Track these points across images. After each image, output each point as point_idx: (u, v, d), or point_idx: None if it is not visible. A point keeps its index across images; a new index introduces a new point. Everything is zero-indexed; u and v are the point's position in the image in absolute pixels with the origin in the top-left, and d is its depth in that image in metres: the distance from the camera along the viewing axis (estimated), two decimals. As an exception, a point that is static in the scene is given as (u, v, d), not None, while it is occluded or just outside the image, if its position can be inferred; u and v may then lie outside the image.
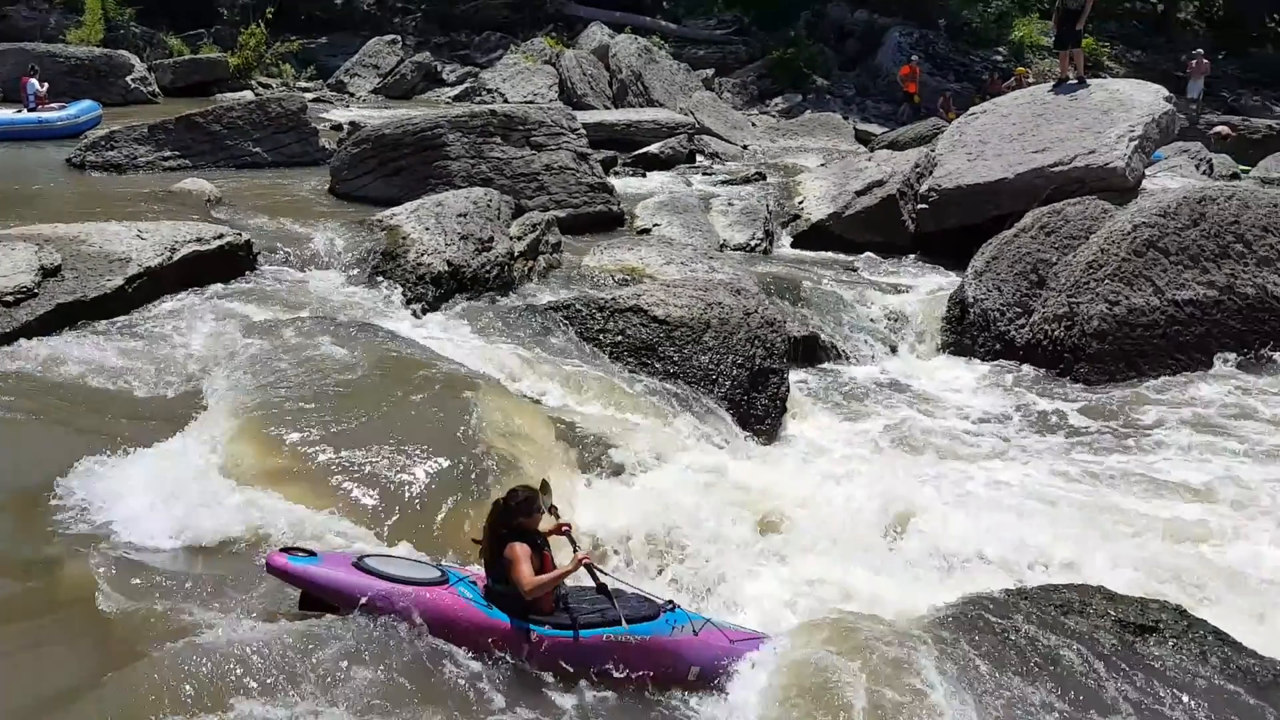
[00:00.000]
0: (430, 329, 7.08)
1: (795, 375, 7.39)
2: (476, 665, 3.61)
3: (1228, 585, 4.75)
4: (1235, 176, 17.44)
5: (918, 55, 24.88)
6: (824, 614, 4.04)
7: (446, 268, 8.07)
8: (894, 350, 8.72)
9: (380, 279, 7.97)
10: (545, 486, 4.08)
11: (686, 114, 19.98)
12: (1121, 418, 7.15)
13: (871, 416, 7.20)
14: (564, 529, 4.03)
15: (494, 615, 3.70)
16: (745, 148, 19.41)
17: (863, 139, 20.53)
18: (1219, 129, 21.38)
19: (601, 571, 3.94)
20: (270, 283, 7.79)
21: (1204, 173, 16.03)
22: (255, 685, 3.29)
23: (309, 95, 18.98)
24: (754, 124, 22.09)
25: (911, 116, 22.04)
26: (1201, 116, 22.05)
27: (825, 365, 8.15)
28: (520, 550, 3.70)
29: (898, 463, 6.29)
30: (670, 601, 3.99)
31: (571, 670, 3.69)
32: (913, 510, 5.40)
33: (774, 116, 23.50)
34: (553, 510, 4.00)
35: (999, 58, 27.19)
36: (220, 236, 7.78)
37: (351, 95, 22.28)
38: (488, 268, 8.32)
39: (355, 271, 8.14)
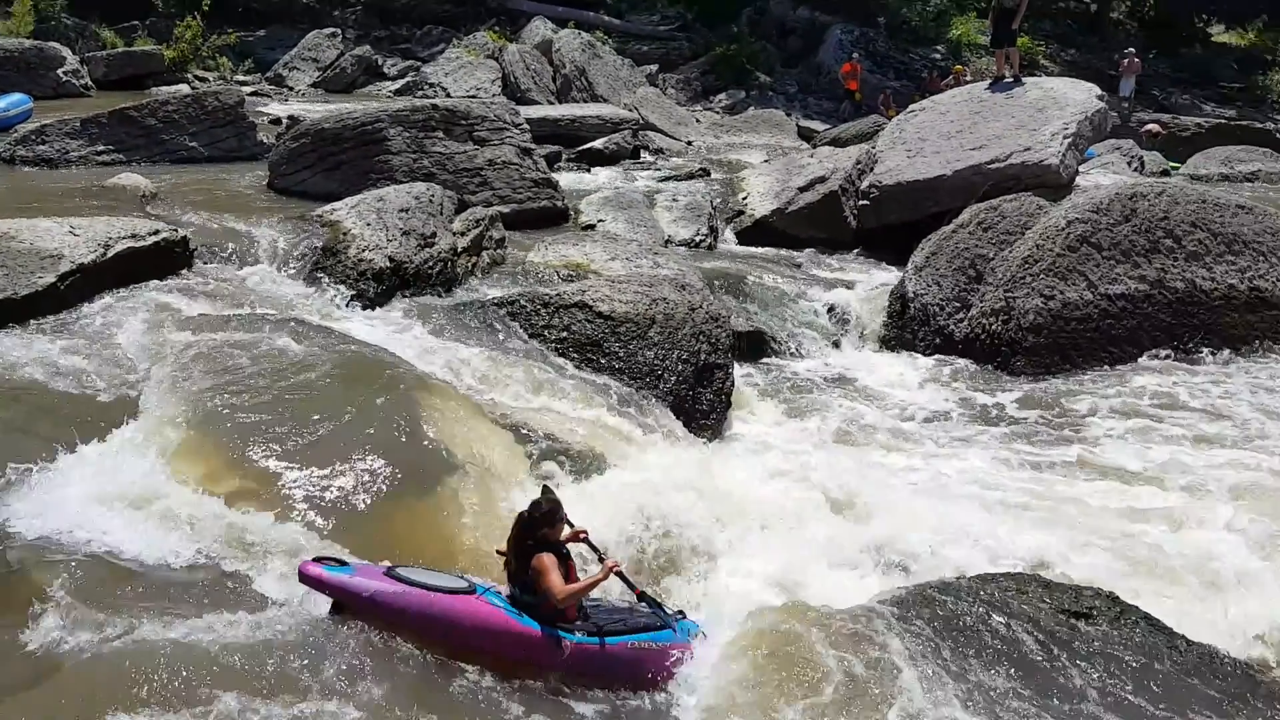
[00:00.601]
0: (372, 326, 6.99)
1: (740, 370, 7.45)
2: (504, 671, 3.67)
3: (1163, 568, 4.90)
4: (1165, 173, 17.91)
5: (858, 53, 25.16)
6: (771, 607, 4.07)
7: (388, 264, 7.97)
8: (837, 345, 8.83)
9: (320, 276, 7.85)
10: (547, 491, 4.19)
11: (631, 110, 19.97)
12: (1058, 408, 7.31)
13: (816, 410, 7.27)
14: (581, 535, 4.10)
15: (525, 623, 3.76)
16: (690, 144, 19.47)
17: (805, 136, 20.71)
18: (1150, 127, 21.91)
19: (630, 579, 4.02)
20: (208, 280, 7.63)
21: (1135, 170, 16.43)
22: (253, 688, 3.24)
23: (247, 89, 18.61)
24: (698, 120, 22.17)
25: (853, 113, 22.30)
26: (1133, 115, 22.60)
27: (770, 360, 8.22)
28: (549, 560, 3.77)
29: (842, 456, 6.36)
30: (680, 611, 4.13)
31: (597, 677, 3.76)
32: (856, 502, 5.48)
33: (718, 113, 23.61)
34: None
35: (938, 56, 27.61)
36: (156, 233, 7.60)
37: (290, 89, 21.91)
38: (430, 264, 8.24)
39: (295, 268, 8.01)
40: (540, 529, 3.85)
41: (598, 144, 16.63)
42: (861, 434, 6.90)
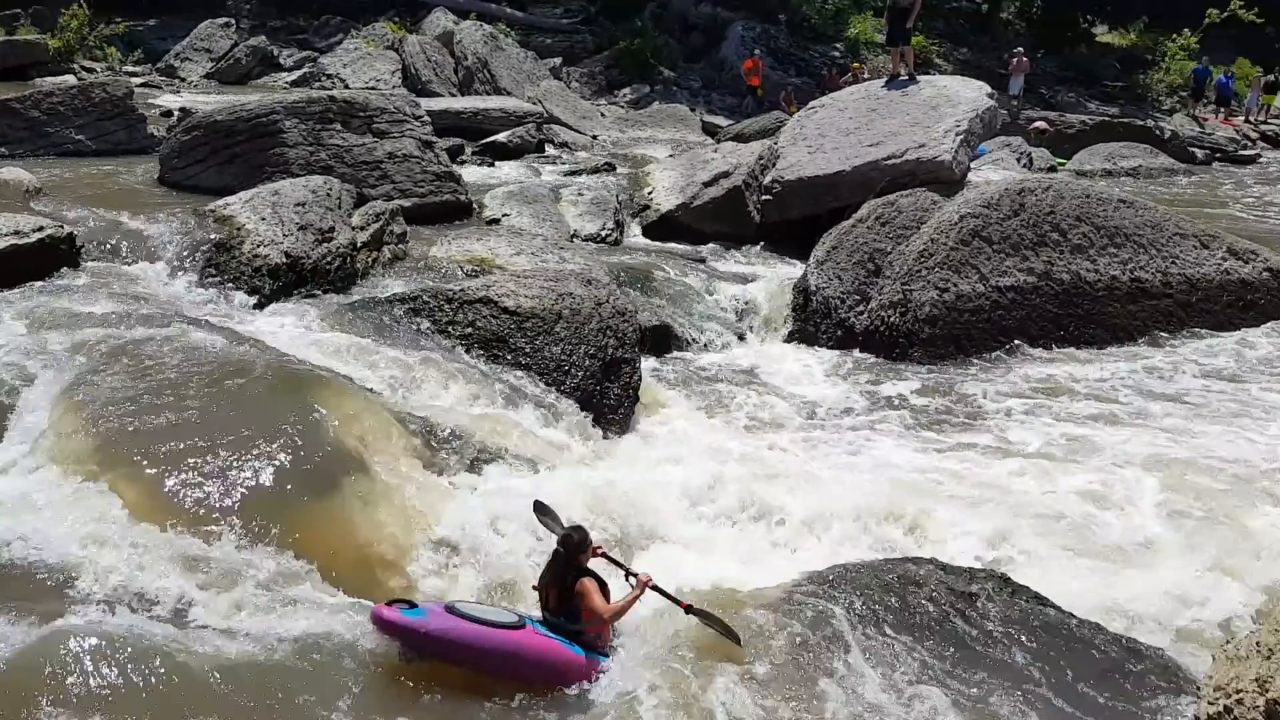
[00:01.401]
0: (268, 324, 6.82)
1: (647, 364, 7.49)
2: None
3: (1054, 538, 5.17)
4: (1052, 169, 18.62)
5: (760, 49, 25.48)
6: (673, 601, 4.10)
7: (284, 259, 7.78)
8: (742, 338, 8.94)
9: (214, 272, 7.63)
10: (540, 507, 4.28)
11: (535, 103, 19.86)
12: (956, 396, 7.56)
13: (723, 403, 7.35)
14: (599, 551, 4.12)
15: (575, 651, 3.81)
16: (595, 138, 19.45)
17: (709, 130, 20.88)
18: (1037, 124, 22.72)
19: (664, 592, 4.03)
20: (96, 278, 7.35)
21: (1024, 166, 17.02)
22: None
23: (136, 80, 17.96)
24: (603, 114, 22.15)
25: (755, 109, 22.58)
26: (1022, 112, 23.40)
27: (677, 354, 8.29)
28: (590, 584, 3.86)
29: (750, 447, 6.45)
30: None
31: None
32: (765, 493, 5.57)
33: (623, 107, 23.64)
34: None
35: (837, 53, 28.13)
36: (40, 229, 7.30)
37: (182, 80, 21.21)
38: (329, 259, 8.07)
39: (187, 265, 7.76)
40: (578, 556, 3.92)
41: (501, 137, 16.49)
42: (769, 425, 7.01)
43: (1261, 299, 9.09)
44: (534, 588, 4.07)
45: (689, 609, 3.85)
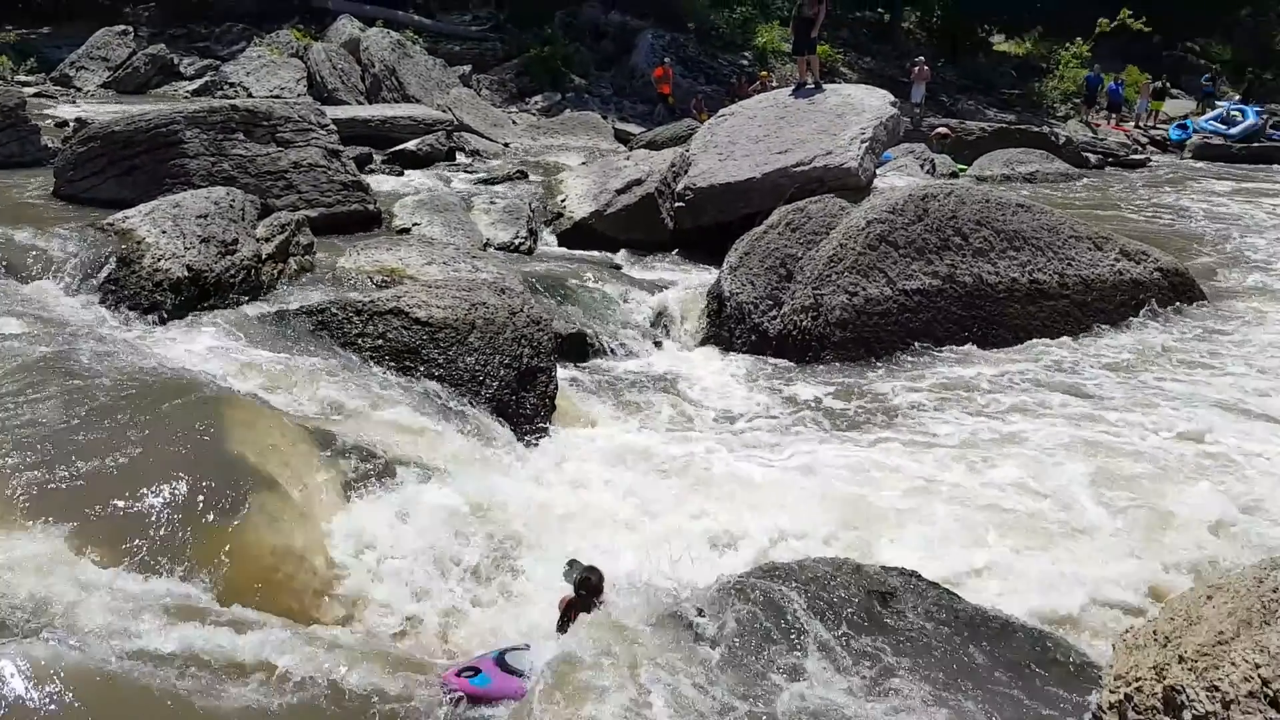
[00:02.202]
0: (171, 340, 6.61)
1: (564, 373, 7.45)
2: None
3: (982, 531, 5.35)
4: (954, 175, 19.20)
5: (670, 57, 25.68)
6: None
7: (187, 273, 7.56)
8: (658, 344, 8.97)
9: (113, 288, 7.36)
10: (575, 564, 4.37)
11: (445, 110, 19.69)
12: (869, 396, 7.70)
13: (641, 409, 7.37)
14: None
15: None
16: (506, 145, 19.36)
17: (622, 138, 20.98)
18: (940, 130, 23.41)
19: None
20: (-17, 296, 7.03)
21: (928, 172, 17.52)
22: None
23: (29, 90, 17.28)
24: (514, 122, 22.07)
25: (666, 116, 22.78)
26: (924, 119, 24.07)
27: (593, 362, 8.27)
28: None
29: (669, 453, 6.47)
30: None
31: None
32: (685, 499, 5.59)
33: (534, 114, 23.59)
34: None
35: (745, 62, 28.53)
36: (-80, 245, 6.95)
37: (78, 90, 20.50)
38: (233, 272, 7.87)
39: (84, 280, 7.47)
40: (594, 597, 4.00)
41: (411, 145, 16.30)
42: (687, 430, 7.05)
43: (1153, 299, 9.48)
44: (557, 630, 4.12)
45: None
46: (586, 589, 4.01)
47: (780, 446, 6.75)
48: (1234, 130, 25.86)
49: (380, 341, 6.48)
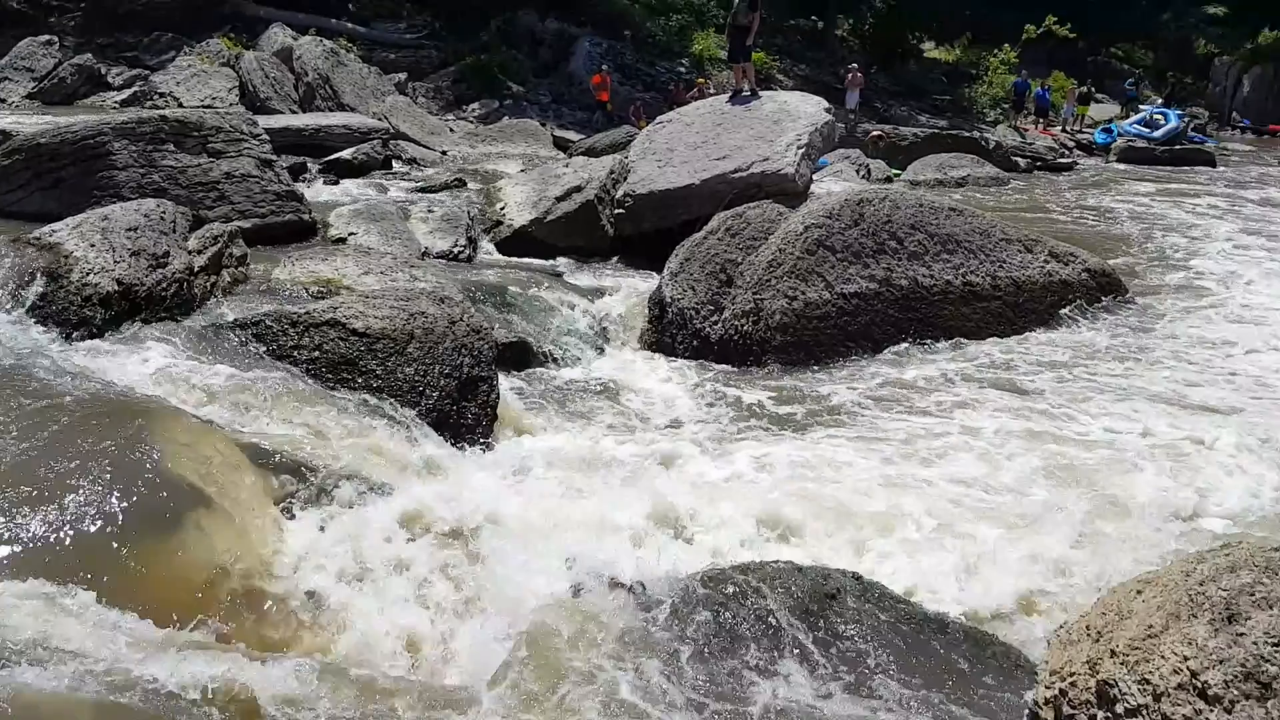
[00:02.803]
0: (100, 356, 6.42)
1: (506, 382, 7.41)
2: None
3: (929, 529, 5.43)
4: (889, 180, 19.51)
5: (608, 65, 25.74)
6: (528, 621, 4.06)
7: (117, 288, 7.36)
8: (601, 351, 8.97)
9: (40, 304, 7.14)
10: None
11: (380, 119, 19.51)
12: (812, 398, 7.80)
13: (584, 417, 7.36)
14: None
15: None
16: (444, 153, 19.24)
17: (561, 145, 20.97)
18: (874, 133, 23.81)
19: None
20: (-101, 314, 6.78)
21: (863, 177, 17.77)
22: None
23: (-55, 100, 16.74)
24: (452, 129, 21.94)
25: (605, 123, 22.83)
26: (859, 125, 24.42)
27: (536, 370, 8.23)
28: None
29: (612, 459, 6.46)
30: None
31: None
32: (631, 506, 5.57)
33: (472, 122, 23.48)
34: None
35: (682, 69, 28.69)
36: None
37: (2, 101, 19.92)
38: (164, 285, 7.69)
39: (10, 297, 7.24)
40: None
41: (346, 154, 16.12)
42: (632, 436, 7.05)
43: (1081, 299, 9.73)
44: None
45: None
46: None
47: (726, 448, 6.79)
48: (1157, 133, 26.63)
49: (317, 353, 6.38)
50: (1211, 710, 2.67)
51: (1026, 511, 5.76)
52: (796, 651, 3.53)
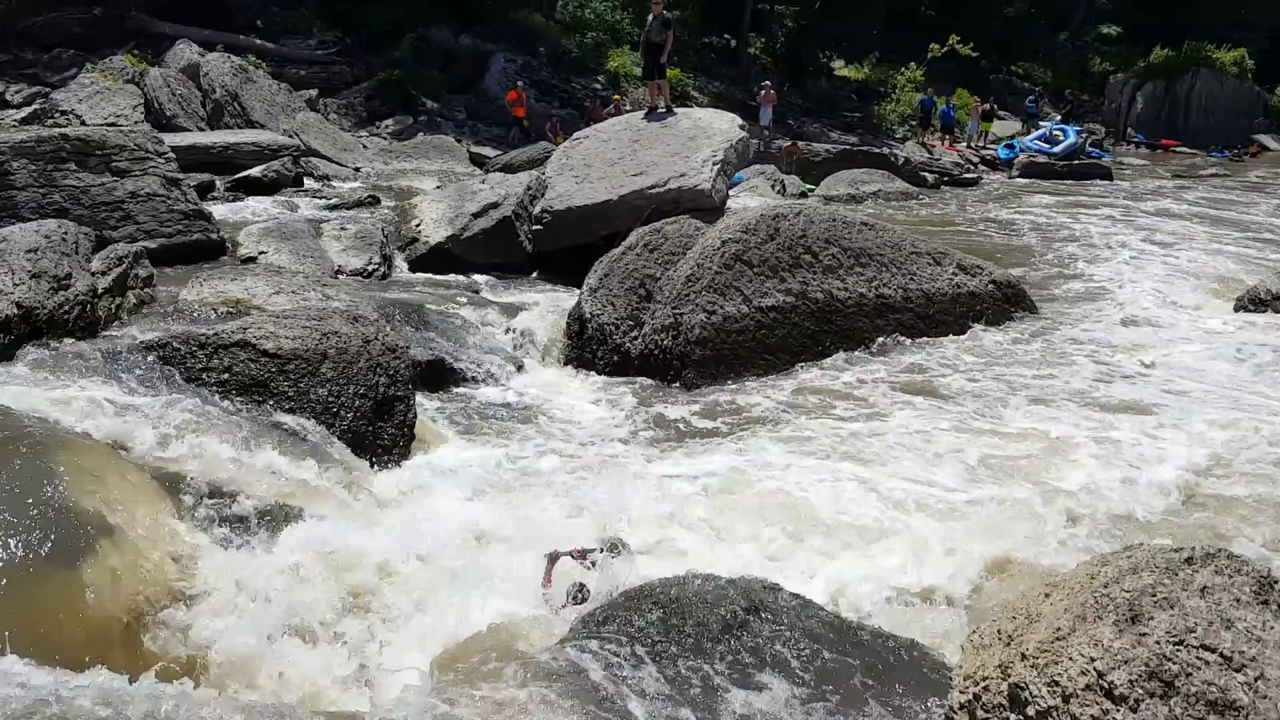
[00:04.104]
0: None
1: (424, 401, 7.32)
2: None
3: (860, 534, 5.56)
4: (803, 195, 19.83)
5: (523, 81, 25.69)
6: (452, 645, 4.01)
7: (16, 311, 7.09)
8: (520, 368, 8.92)
9: (-67, 328, 6.84)
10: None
11: (291, 135, 19.16)
12: (734, 411, 7.88)
13: (503, 436, 7.30)
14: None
15: None
16: (357, 170, 18.99)
17: (477, 161, 20.86)
18: (787, 145, 24.27)
19: None
20: None
21: (778, 192, 18.03)
22: None
23: None
24: (365, 146, 21.66)
25: (522, 140, 22.77)
26: (773, 142, 24.80)
27: (454, 389, 8.14)
28: None
29: (532, 478, 6.42)
30: None
31: None
32: (547, 523, 5.53)
33: (385, 138, 23.21)
34: None
35: (598, 85, 28.80)
36: None
37: (-115, 118, 19.02)
38: (66, 308, 7.43)
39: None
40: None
41: (255, 172, 15.80)
42: (553, 452, 7.01)
43: (988, 309, 10.02)
44: None
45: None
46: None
47: (650, 462, 6.81)
48: (1057, 149, 27.60)
49: (227, 375, 6.22)
50: (1118, 709, 2.76)
51: (958, 508, 5.93)
52: (720, 666, 3.54)
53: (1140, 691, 2.75)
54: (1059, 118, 34.62)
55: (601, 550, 4.62)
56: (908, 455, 6.76)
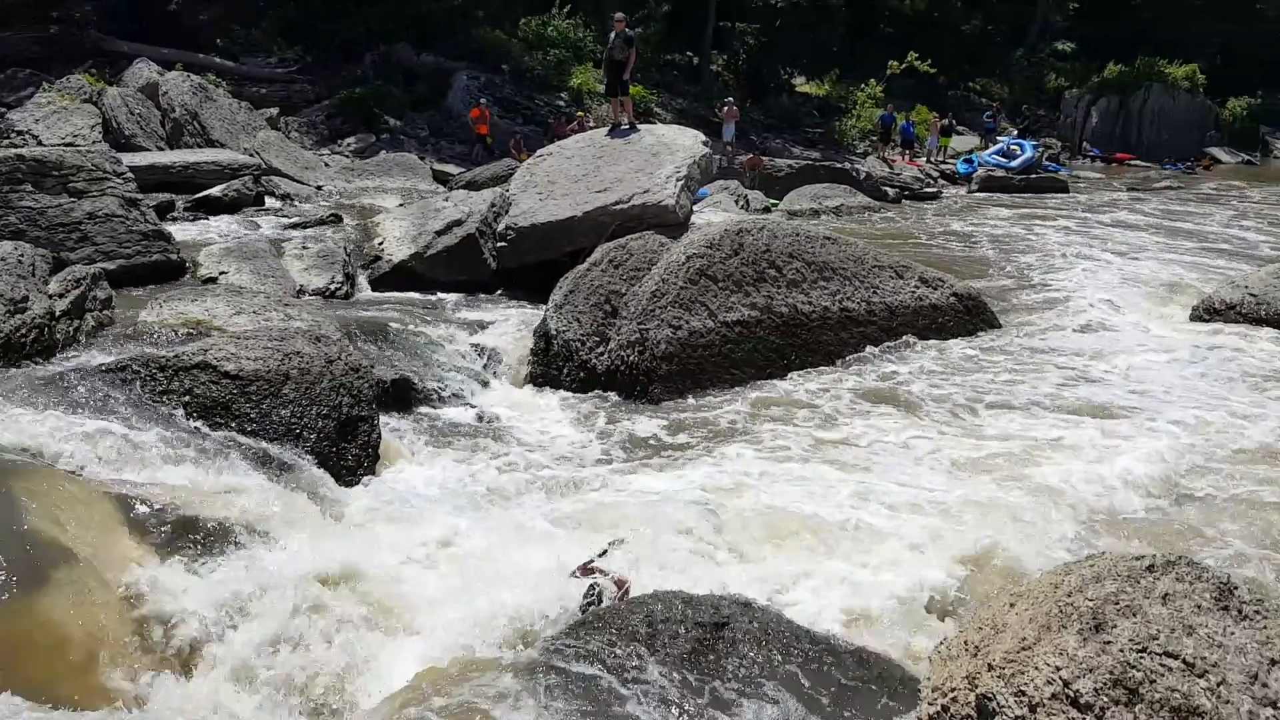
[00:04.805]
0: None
1: (388, 421, 7.26)
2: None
3: (831, 546, 5.57)
4: (767, 210, 19.96)
5: (486, 98, 25.66)
6: (417, 671, 3.97)
7: (-31, 335, 6.96)
8: (486, 385, 8.87)
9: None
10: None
11: (252, 154, 19.00)
12: (701, 425, 7.89)
13: (470, 454, 7.25)
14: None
15: None
16: (319, 188, 18.85)
17: (440, 179, 20.78)
18: (749, 158, 24.45)
19: None
20: None
21: (742, 207, 18.14)
22: None
23: None
24: (327, 164, 21.52)
25: (485, 157, 22.72)
26: (736, 158, 24.94)
27: (420, 408, 8.06)
28: None
29: (499, 498, 6.38)
30: None
31: None
32: (514, 541, 5.50)
33: (348, 156, 23.06)
34: None
35: (562, 102, 28.82)
36: None
37: None
38: (23, 332, 7.30)
39: None
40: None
41: (216, 191, 15.65)
42: (520, 470, 6.97)
43: (950, 321, 10.12)
44: None
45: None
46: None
47: (617, 477, 6.80)
48: (1014, 163, 27.97)
49: (188, 398, 6.14)
50: (1085, 717, 2.79)
51: (933, 513, 5.99)
52: (689, 683, 3.53)
53: (1106, 699, 2.78)
54: (1016, 133, 35.13)
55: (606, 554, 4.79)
56: (878, 462, 6.84)
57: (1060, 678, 2.82)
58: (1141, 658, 2.81)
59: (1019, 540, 5.55)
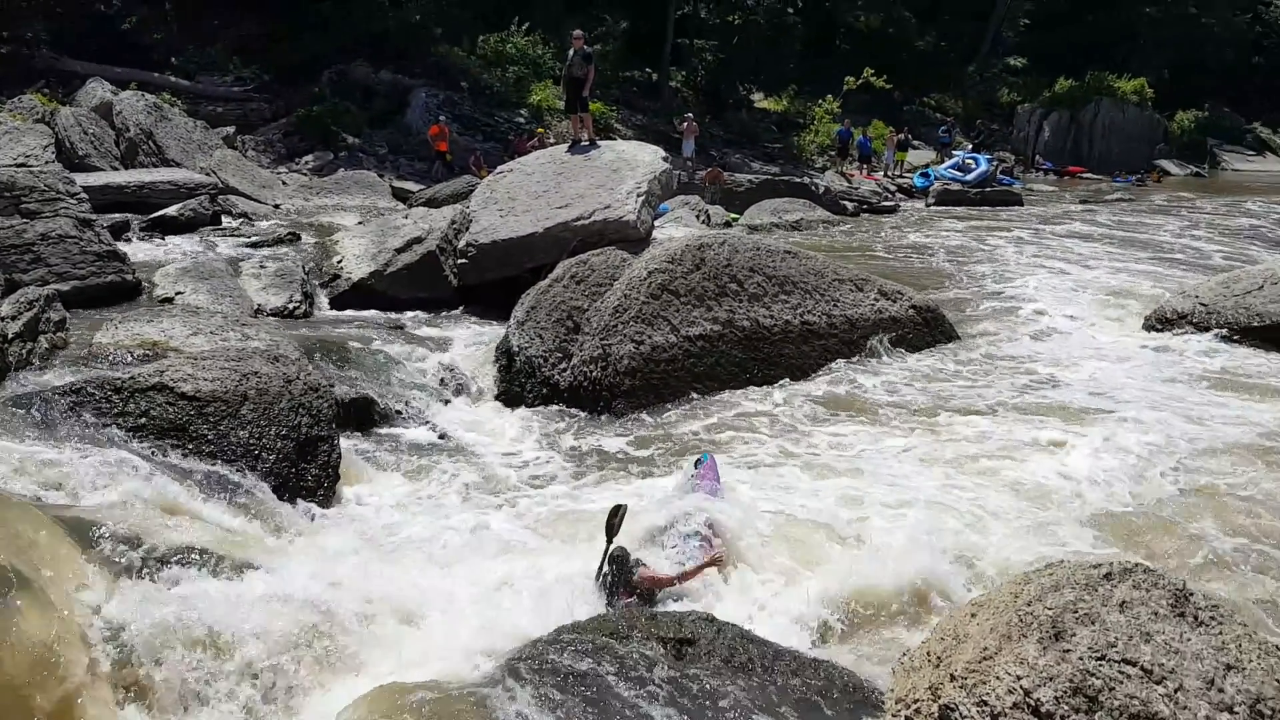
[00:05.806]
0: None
1: (349, 441, 7.19)
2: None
3: (818, 551, 5.63)
4: (728, 225, 20.08)
5: (445, 115, 25.61)
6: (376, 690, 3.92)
7: (-85, 358, 6.82)
8: (448, 403, 8.81)
9: None
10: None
11: (208, 173, 18.82)
12: (665, 439, 7.91)
13: (432, 473, 7.19)
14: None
15: None
16: (277, 207, 18.71)
17: (400, 196, 20.71)
18: (706, 173, 24.63)
19: None
20: None
21: (703, 222, 18.22)
22: None
23: None
24: (284, 182, 21.36)
25: (445, 174, 22.68)
26: (696, 173, 25.08)
27: (381, 428, 8.00)
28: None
29: (464, 519, 6.33)
30: None
31: None
32: (478, 561, 5.47)
33: (305, 174, 22.92)
34: None
35: (522, 119, 28.84)
36: None
37: None
38: (-28, 355, 7.17)
39: None
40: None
41: (172, 211, 15.48)
42: (484, 490, 6.93)
43: (910, 333, 10.23)
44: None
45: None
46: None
47: (582, 492, 6.77)
48: (969, 176, 28.39)
49: (144, 420, 6.04)
50: (1045, 724, 2.81)
51: (909, 514, 6.07)
52: (655, 701, 3.52)
53: (1066, 708, 2.80)
54: (971, 147, 35.66)
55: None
56: (845, 469, 6.93)
57: (1021, 687, 2.84)
58: (1100, 665, 2.84)
59: (991, 541, 5.67)
